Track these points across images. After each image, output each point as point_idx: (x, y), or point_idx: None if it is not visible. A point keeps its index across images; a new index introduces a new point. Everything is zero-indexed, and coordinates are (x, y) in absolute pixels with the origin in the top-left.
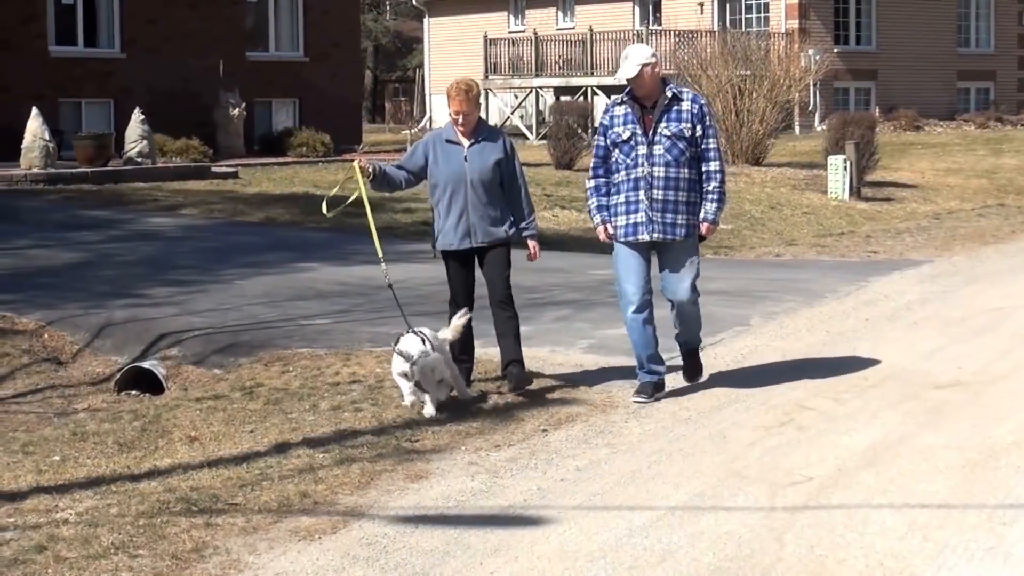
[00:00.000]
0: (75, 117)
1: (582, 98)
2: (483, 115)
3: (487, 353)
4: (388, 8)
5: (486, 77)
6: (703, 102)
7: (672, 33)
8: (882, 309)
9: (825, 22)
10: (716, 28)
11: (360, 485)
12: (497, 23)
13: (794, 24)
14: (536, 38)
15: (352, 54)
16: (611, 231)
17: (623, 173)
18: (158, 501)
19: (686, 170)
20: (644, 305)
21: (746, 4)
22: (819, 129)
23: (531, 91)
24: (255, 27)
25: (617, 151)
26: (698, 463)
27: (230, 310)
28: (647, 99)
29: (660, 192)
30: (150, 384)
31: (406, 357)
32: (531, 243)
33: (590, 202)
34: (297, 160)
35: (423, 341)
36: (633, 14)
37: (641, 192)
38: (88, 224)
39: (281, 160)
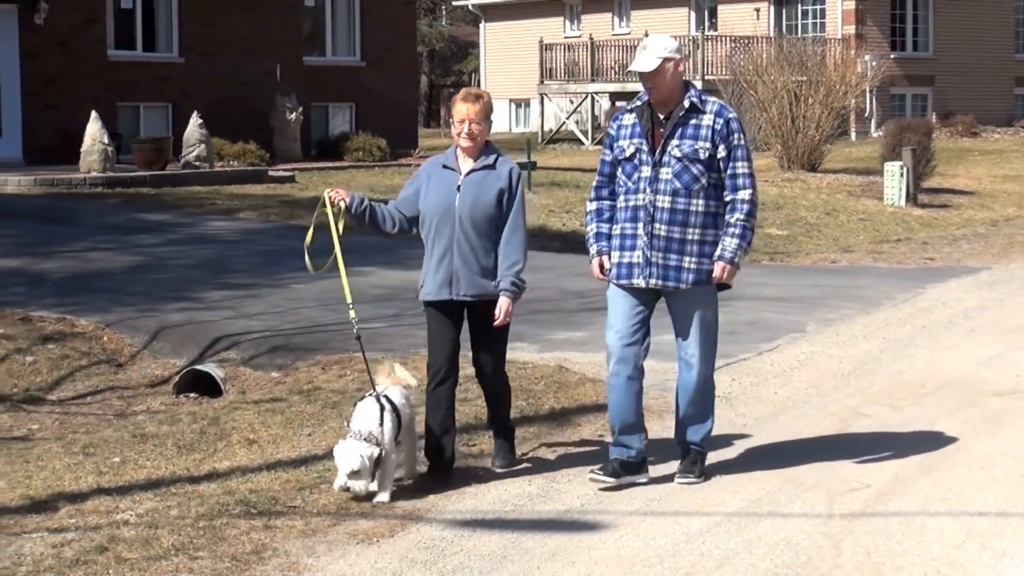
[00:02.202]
0: (133, 121)
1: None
2: (540, 121)
3: (543, 358)
4: (444, 13)
5: (542, 82)
6: (731, 116)
7: (728, 39)
8: (939, 316)
9: (882, 28)
10: (772, 34)
11: (418, 488)
12: (553, 28)
13: (850, 30)
14: (592, 43)
15: (408, 59)
16: (607, 267)
17: (622, 198)
18: (217, 503)
19: (700, 201)
20: (628, 359)
21: (802, 10)
22: (875, 135)
23: (587, 96)
24: (312, 32)
25: (620, 170)
26: (754, 469)
27: (286, 313)
28: (663, 106)
29: (663, 227)
30: (208, 387)
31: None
32: (501, 300)
33: (588, 228)
34: (354, 164)
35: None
36: (689, 19)
37: (640, 225)
38: (146, 227)
39: (337, 164)
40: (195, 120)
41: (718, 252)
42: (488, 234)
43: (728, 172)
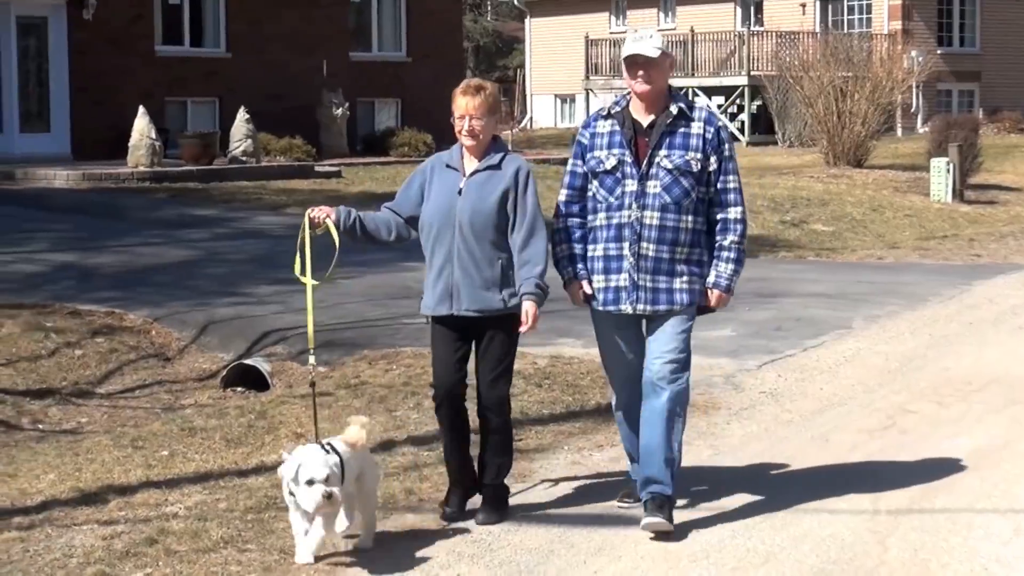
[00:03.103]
0: (181, 116)
1: None
2: (586, 116)
3: (589, 353)
4: (489, 8)
5: (587, 78)
6: (720, 124)
7: (774, 34)
8: (986, 313)
9: (928, 23)
10: (818, 29)
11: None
12: (598, 24)
13: (897, 25)
14: None
15: (454, 54)
16: (588, 292)
17: (602, 216)
18: (265, 496)
19: (689, 217)
20: (635, 397)
21: (848, 5)
22: (921, 131)
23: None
24: (358, 27)
25: (597, 184)
26: (800, 466)
27: (333, 308)
28: (647, 110)
29: (652, 247)
30: (255, 381)
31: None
32: (525, 305)
33: (557, 249)
34: (399, 160)
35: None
36: (734, 15)
37: (626, 245)
38: (194, 222)
39: (383, 160)
40: (242, 115)
41: (712, 279)
42: (493, 241)
43: (719, 187)
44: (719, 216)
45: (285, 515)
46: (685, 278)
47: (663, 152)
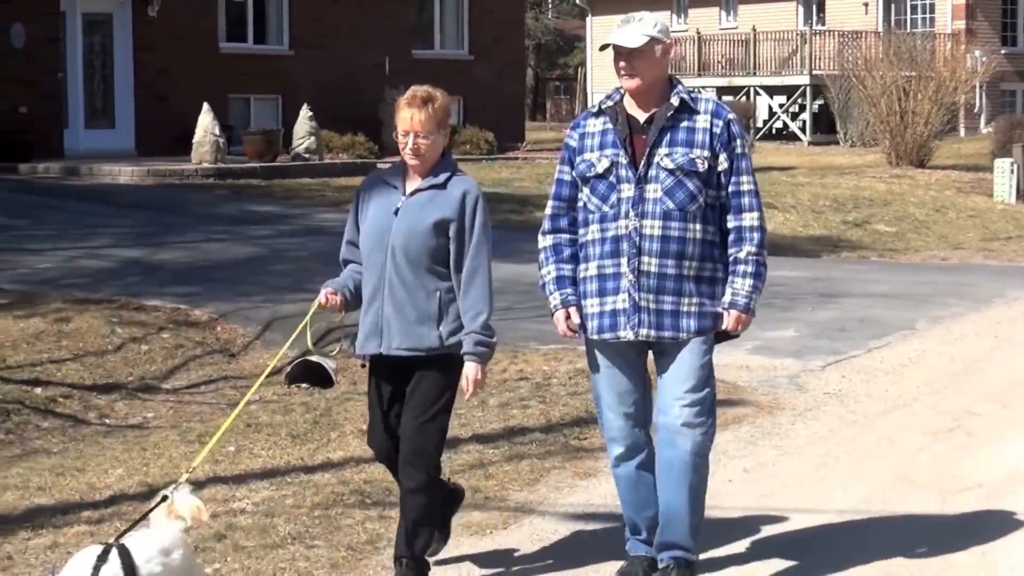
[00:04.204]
0: (244, 112)
1: (744, 98)
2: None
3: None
4: (550, 7)
5: None
6: (731, 117)
7: (836, 33)
8: None
9: (992, 23)
10: (881, 28)
11: (529, 481)
12: None
13: (960, 25)
14: (699, 38)
15: (516, 52)
16: (576, 321)
17: (595, 228)
18: (332, 493)
19: (698, 226)
20: (636, 447)
21: (911, 4)
22: (985, 131)
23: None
24: (420, 25)
25: (588, 191)
26: (865, 467)
27: None
28: (642, 104)
29: (653, 261)
30: (319, 378)
31: None
32: (469, 366)
33: (544, 271)
34: (461, 158)
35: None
36: (797, 14)
37: (623, 261)
38: (258, 219)
39: None
40: (305, 112)
41: (728, 298)
42: (429, 269)
43: (730, 189)
44: (732, 224)
45: (352, 511)
46: (695, 299)
47: (663, 150)
